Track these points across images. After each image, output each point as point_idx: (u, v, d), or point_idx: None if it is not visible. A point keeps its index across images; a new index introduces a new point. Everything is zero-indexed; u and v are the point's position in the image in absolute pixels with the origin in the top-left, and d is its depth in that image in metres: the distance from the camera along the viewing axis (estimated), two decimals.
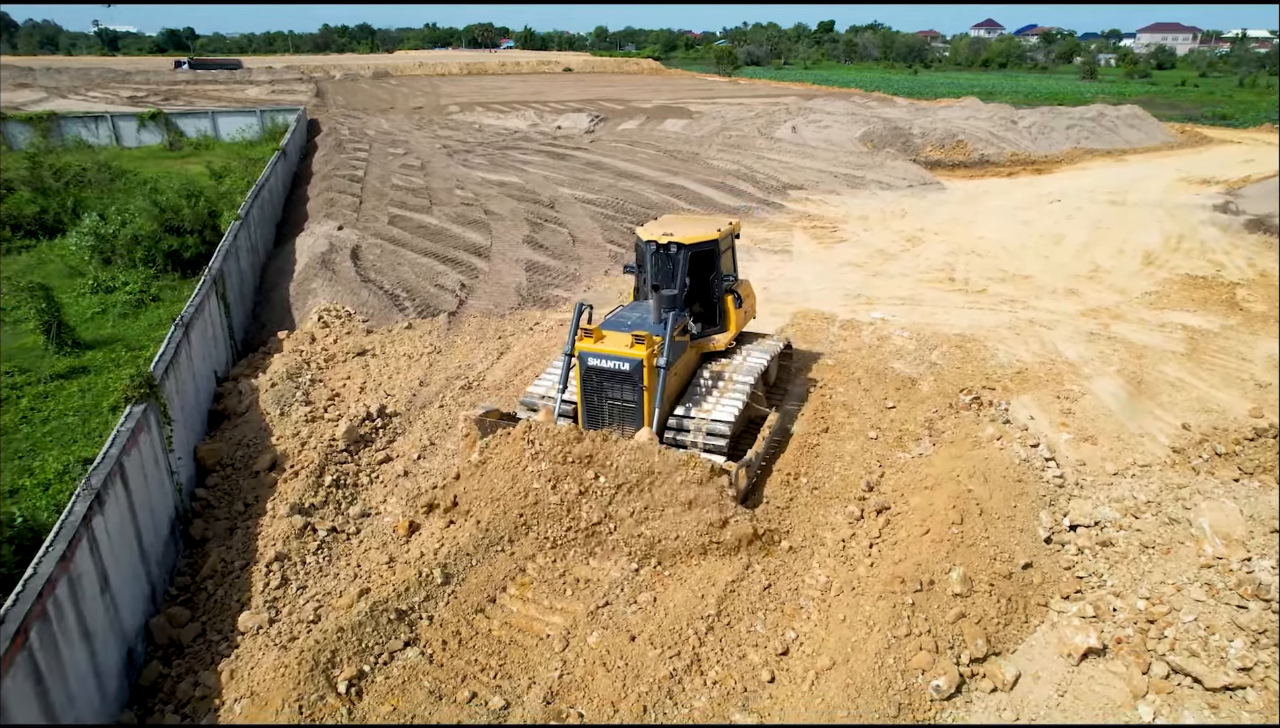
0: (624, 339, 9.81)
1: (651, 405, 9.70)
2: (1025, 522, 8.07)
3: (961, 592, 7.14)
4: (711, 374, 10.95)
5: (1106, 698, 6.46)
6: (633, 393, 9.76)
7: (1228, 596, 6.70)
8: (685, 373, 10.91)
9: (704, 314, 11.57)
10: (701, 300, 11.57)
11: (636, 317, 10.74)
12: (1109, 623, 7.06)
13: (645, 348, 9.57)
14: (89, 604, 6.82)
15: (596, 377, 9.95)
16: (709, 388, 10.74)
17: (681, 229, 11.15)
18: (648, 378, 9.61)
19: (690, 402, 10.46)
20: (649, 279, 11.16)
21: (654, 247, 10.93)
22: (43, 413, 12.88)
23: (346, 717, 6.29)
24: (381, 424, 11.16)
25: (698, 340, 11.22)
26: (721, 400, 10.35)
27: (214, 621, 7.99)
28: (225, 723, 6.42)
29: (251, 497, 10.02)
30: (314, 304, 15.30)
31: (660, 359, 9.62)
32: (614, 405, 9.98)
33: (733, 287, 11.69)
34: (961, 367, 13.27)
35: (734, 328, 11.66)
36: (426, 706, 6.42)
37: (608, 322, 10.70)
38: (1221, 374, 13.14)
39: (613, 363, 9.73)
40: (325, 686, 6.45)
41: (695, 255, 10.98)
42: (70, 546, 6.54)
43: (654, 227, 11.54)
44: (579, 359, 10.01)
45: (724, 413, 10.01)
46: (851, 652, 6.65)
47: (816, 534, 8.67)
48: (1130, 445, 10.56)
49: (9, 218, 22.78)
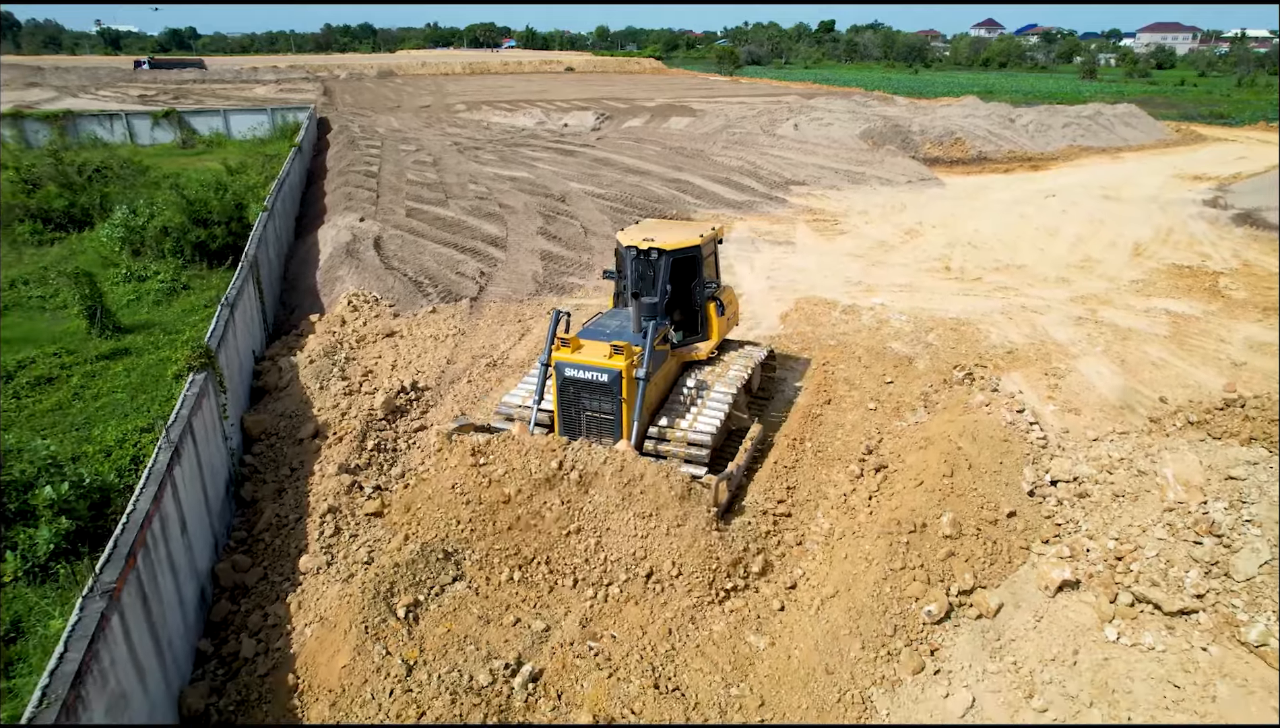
0: (602, 349, 9.48)
1: (630, 417, 9.38)
2: (1010, 476, 8.90)
3: (951, 534, 7.98)
4: (694, 384, 10.63)
5: (1077, 623, 7.29)
6: (611, 405, 9.42)
7: (1186, 533, 7.53)
8: (666, 383, 10.60)
9: (685, 322, 11.21)
10: (683, 308, 11.18)
11: (616, 325, 10.49)
12: (1083, 561, 7.88)
13: (624, 358, 9.22)
14: (173, 543, 7.65)
15: (574, 388, 9.59)
16: (690, 399, 10.39)
17: (663, 235, 10.80)
18: (626, 390, 9.28)
19: (671, 413, 10.13)
20: (629, 286, 10.80)
21: (635, 252, 10.53)
22: (92, 390, 13.71)
23: (406, 638, 7.12)
24: (415, 397, 12.00)
25: (679, 349, 10.93)
26: (702, 412, 10.04)
27: (274, 565, 8.83)
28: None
29: (297, 462, 10.85)
30: (342, 290, 16.13)
31: (640, 370, 9.30)
32: (591, 418, 9.64)
33: (715, 294, 11.38)
34: (955, 347, 14.10)
35: (716, 336, 11.35)
36: (477, 628, 7.25)
37: (586, 330, 10.42)
38: (1200, 355, 13.96)
39: (590, 374, 9.38)
40: (386, 611, 7.28)
41: (677, 262, 10.62)
42: (159, 489, 7.36)
43: (635, 231, 11.10)
44: (555, 369, 9.68)
45: (705, 424, 9.74)
46: (853, 582, 7.49)
47: (820, 490, 9.52)
48: (1111, 416, 11.40)
49: (39, 211, 23.62)
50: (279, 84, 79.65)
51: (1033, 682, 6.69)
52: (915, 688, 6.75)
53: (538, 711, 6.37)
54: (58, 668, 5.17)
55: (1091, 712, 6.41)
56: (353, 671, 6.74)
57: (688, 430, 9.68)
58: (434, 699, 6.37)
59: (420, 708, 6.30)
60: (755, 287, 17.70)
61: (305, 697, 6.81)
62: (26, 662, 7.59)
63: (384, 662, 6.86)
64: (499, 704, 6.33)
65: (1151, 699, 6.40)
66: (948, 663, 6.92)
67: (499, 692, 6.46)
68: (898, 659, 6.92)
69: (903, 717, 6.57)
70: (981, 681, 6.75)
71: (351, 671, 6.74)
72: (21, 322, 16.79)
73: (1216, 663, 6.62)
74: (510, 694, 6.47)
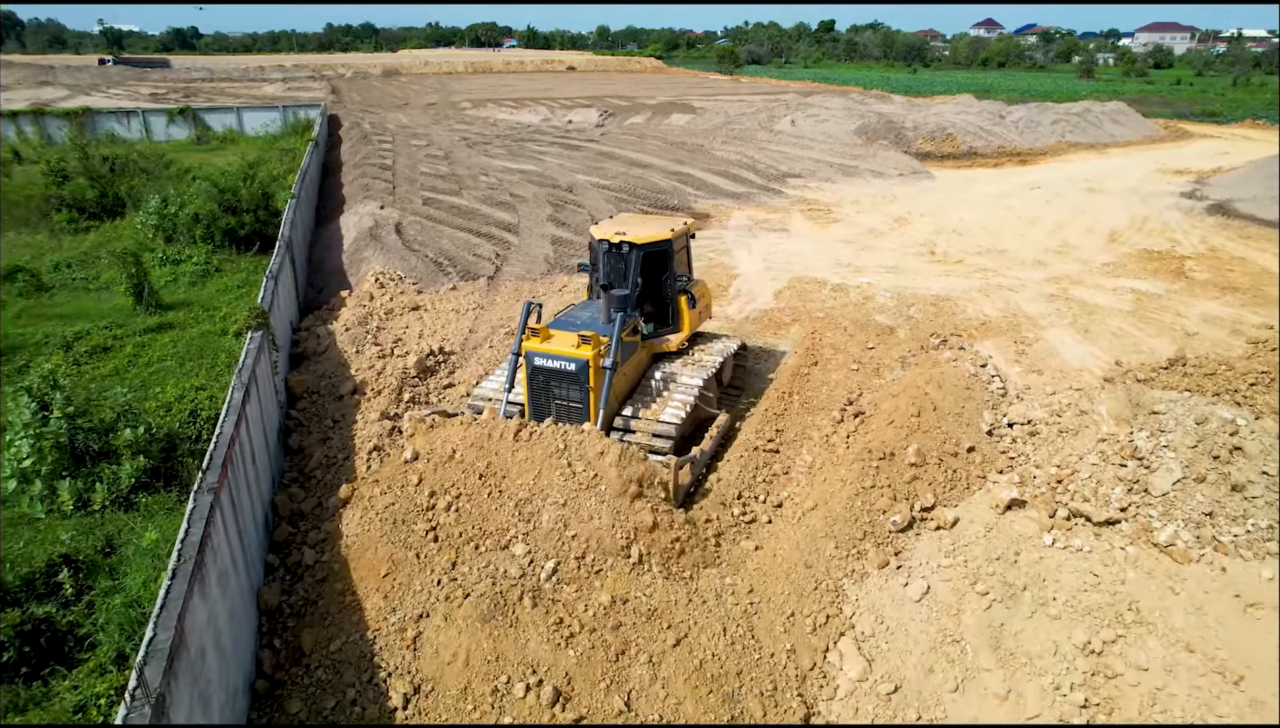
0: (570, 339, 9.79)
1: (597, 406, 9.69)
2: (971, 418, 10.16)
3: (916, 463, 9.25)
4: (663, 375, 10.92)
5: (1020, 533, 8.55)
6: (579, 393, 9.75)
7: (1114, 459, 8.80)
8: (635, 373, 10.84)
9: (657, 314, 11.48)
10: (654, 301, 11.47)
11: (587, 316, 10.72)
12: (1029, 486, 9.15)
13: (591, 348, 9.55)
14: (248, 468, 8.93)
15: (543, 376, 9.93)
16: (659, 389, 10.69)
17: (635, 228, 11.07)
18: (594, 378, 9.61)
19: (639, 403, 10.46)
20: (600, 278, 11.13)
21: (607, 245, 10.84)
22: (144, 358, 14.99)
23: (440, 546, 8.39)
24: (442, 359, 13.30)
25: (649, 341, 11.17)
26: (669, 402, 10.35)
27: (326, 495, 10.11)
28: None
29: (338, 415, 12.14)
30: (368, 269, 17.42)
31: (607, 360, 9.61)
32: (560, 405, 9.96)
33: (686, 287, 11.63)
34: (934, 319, 15.38)
35: (687, 328, 11.61)
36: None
37: (557, 321, 10.69)
38: (1158, 326, 15.25)
39: (558, 363, 9.72)
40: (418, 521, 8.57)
41: (648, 255, 10.92)
42: (237, 419, 8.65)
43: (608, 225, 11.40)
44: (525, 358, 10.01)
45: (670, 415, 10.06)
46: (829, 498, 8.78)
47: (805, 433, 10.80)
48: (1070, 377, 12.68)
49: (74, 201, 24.92)
50: (286, 82, 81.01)
51: (978, 574, 7.98)
52: (880, 579, 8.04)
53: (562, 593, 7.64)
54: (186, 536, 6.44)
55: (1024, 595, 7.69)
56: (396, 565, 8.04)
57: (653, 420, 10.02)
58: (476, 584, 7.65)
59: (466, 590, 7.57)
60: (752, 268, 18.99)
61: (360, 593, 8.08)
62: (125, 568, 8.85)
63: (427, 561, 8.15)
64: (532, 586, 7.61)
65: (1074, 584, 7.68)
66: (908, 561, 8.20)
67: (531, 576, 7.74)
68: (866, 557, 8.21)
69: (868, 603, 7.86)
70: (935, 573, 8.03)
71: (394, 563, 8.04)
72: (70, 300, 18.09)
73: (1131, 559, 7.90)
74: (540, 579, 7.75)
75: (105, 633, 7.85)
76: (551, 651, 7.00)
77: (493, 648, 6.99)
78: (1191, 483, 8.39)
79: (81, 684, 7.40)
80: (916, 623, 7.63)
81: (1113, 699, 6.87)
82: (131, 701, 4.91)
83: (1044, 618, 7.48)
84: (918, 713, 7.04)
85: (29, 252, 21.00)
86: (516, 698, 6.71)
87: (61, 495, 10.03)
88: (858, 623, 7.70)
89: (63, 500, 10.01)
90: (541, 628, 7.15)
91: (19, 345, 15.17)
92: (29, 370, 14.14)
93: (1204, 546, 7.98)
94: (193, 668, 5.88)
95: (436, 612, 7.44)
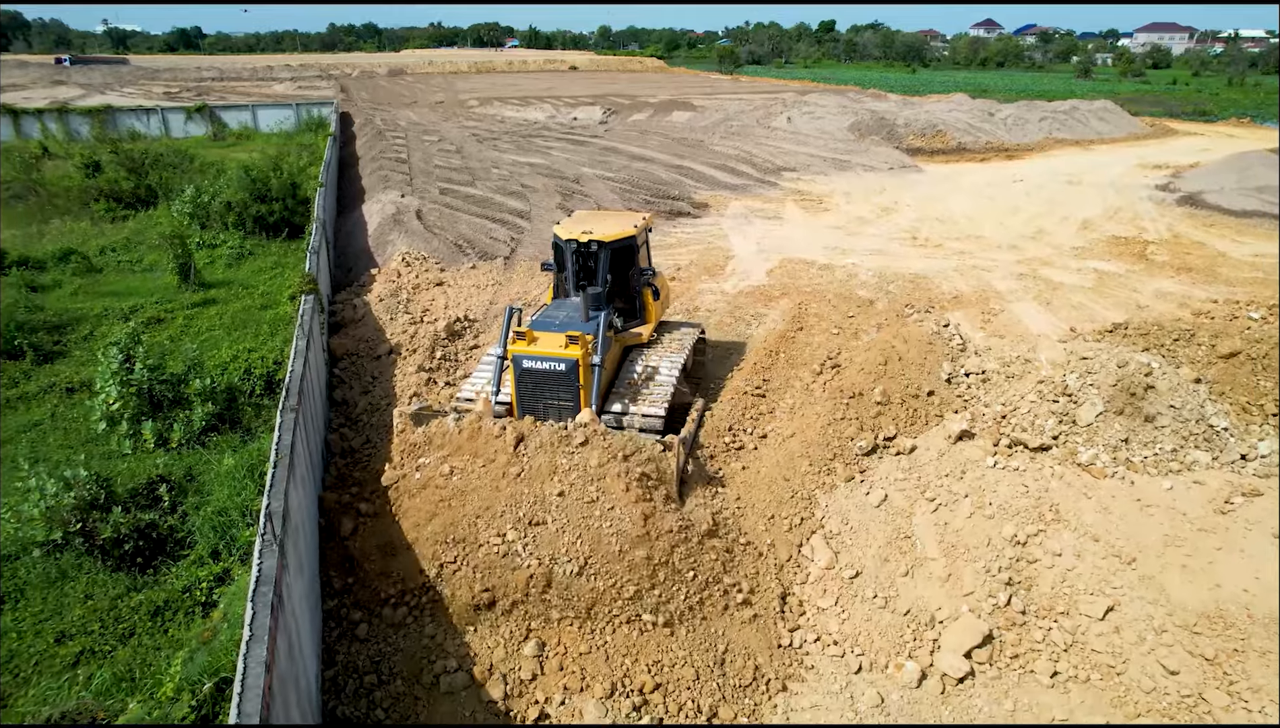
0: (557, 340, 9.99)
1: (588, 402, 10.05)
2: (932, 368, 11.71)
3: (881, 401, 10.80)
4: (641, 368, 11.24)
5: (968, 458, 10.09)
6: (569, 392, 10.03)
7: (1049, 396, 10.35)
8: (612, 367, 11.14)
9: (625, 309, 11.79)
10: (622, 295, 11.75)
11: (564, 316, 10.84)
12: (979, 421, 10.71)
13: (579, 348, 9.83)
14: (311, 402, 10.48)
15: (532, 379, 10.13)
16: (637, 381, 11.04)
17: (599, 227, 11.30)
18: (583, 376, 9.91)
19: (624, 396, 10.80)
20: (570, 277, 11.37)
21: (574, 245, 11.06)
22: (194, 328, 16.57)
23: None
24: (468, 325, 14.86)
25: (621, 334, 11.46)
26: (651, 394, 10.73)
27: (373, 435, 11.67)
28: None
29: (377, 372, 13.70)
30: (394, 251, 18.99)
31: (595, 357, 9.94)
32: (551, 405, 10.20)
33: (650, 280, 11.93)
34: (911, 293, 16.93)
35: (654, 319, 11.97)
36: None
37: (535, 322, 10.77)
38: (1113, 300, 16.79)
39: (548, 364, 9.93)
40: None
41: (615, 252, 11.21)
42: (304, 363, 10.20)
43: (571, 225, 11.57)
44: (513, 362, 10.20)
45: (656, 408, 10.45)
46: (806, 428, 10.33)
47: (788, 383, 12.35)
48: (1029, 340, 14.23)
49: (111, 192, 26.53)
50: (295, 81, 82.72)
51: (929, 486, 9.54)
52: (846, 490, 9.60)
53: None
54: (279, 442, 7.99)
55: (965, 501, 9.25)
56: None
57: (640, 412, 10.45)
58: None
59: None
60: (746, 250, 20.55)
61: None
62: (209, 486, 10.40)
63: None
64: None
65: (1007, 493, 9.23)
66: (871, 477, 9.77)
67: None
68: (835, 473, 9.77)
69: (836, 509, 9.42)
70: (893, 485, 9.59)
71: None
72: (119, 279, 19.70)
73: (1057, 474, 9.45)
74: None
75: (200, 534, 9.43)
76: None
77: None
78: (1111, 415, 9.95)
79: (185, 573, 8.98)
80: (876, 524, 9.19)
81: (1031, 579, 8.42)
82: (262, 541, 6.45)
83: (980, 518, 9.03)
84: (874, 592, 8.59)
85: (76, 237, 22.60)
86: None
87: (145, 434, 11.61)
88: (827, 524, 9.26)
89: (146, 439, 11.60)
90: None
91: (81, 318, 16.76)
92: (95, 338, 15.80)
93: (1118, 464, 9.54)
94: (294, 535, 7.43)
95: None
